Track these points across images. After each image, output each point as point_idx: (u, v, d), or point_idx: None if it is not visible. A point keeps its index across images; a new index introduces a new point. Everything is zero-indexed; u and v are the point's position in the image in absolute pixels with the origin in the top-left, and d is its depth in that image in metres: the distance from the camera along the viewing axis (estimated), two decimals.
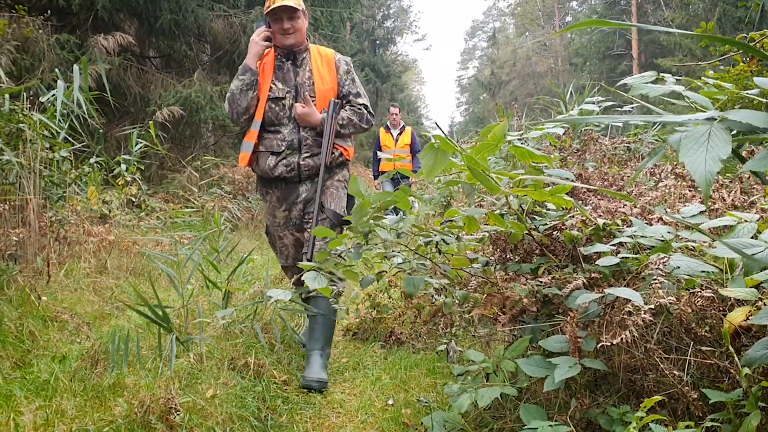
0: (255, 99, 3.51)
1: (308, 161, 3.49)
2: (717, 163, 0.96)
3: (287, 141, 3.49)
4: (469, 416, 2.24)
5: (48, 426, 2.23)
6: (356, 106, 3.62)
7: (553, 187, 1.84)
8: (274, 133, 3.52)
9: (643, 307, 1.70)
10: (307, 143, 3.49)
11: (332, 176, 3.62)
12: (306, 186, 3.58)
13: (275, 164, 3.50)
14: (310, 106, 3.42)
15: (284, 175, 3.51)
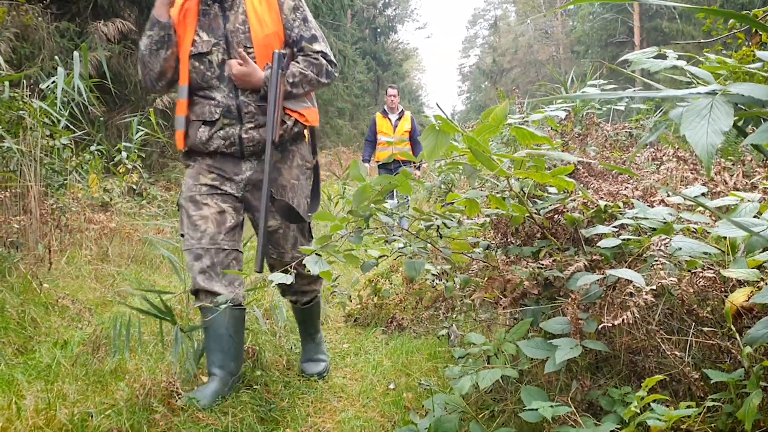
0: (172, 59, 2.77)
1: (252, 134, 2.73)
2: (719, 136, 0.95)
3: (222, 107, 2.70)
4: (470, 398, 2.24)
5: (50, 409, 2.24)
6: (311, 55, 2.81)
7: (554, 169, 1.84)
8: (204, 97, 2.75)
9: (645, 288, 1.69)
10: (249, 111, 2.72)
11: (287, 156, 2.87)
12: (252, 163, 2.81)
13: (209, 137, 2.73)
14: (247, 63, 2.64)
15: (222, 149, 2.74)
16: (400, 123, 8.83)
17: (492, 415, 2.11)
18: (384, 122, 8.84)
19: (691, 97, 1.01)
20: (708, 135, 0.94)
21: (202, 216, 2.71)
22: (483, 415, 2.11)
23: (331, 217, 2.34)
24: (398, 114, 8.92)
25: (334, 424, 2.61)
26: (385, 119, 8.86)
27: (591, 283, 1.85)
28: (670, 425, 1.48)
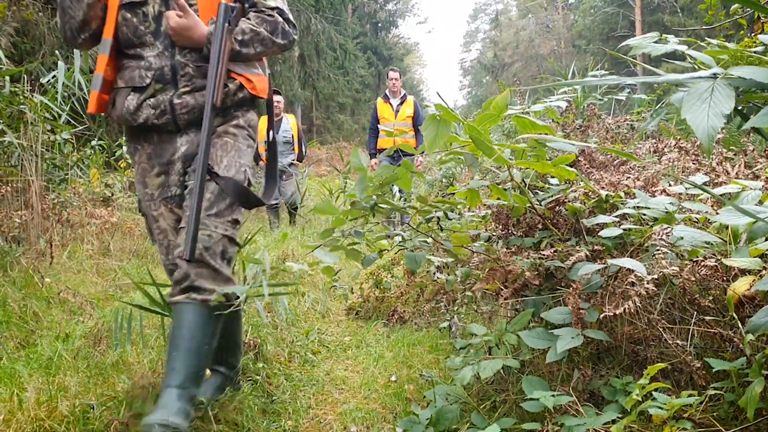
0: (99, 6, 2.32)
1: (187, 99, 2.27)
2: (720, 119, 0.94)
3: (154, 70, 2.26)
4: (472, 389, 2.24)
5: (51, 401, 2.24)
6: (265, 11, 2.42)
7: (555, 158, 1.83)
8: (134, 58, 2.30)
9: (646, 278, 1.69)
10: (186, 72, 2.27)
11: (228, 121, 2.40)
12: (188, 137, 2.35)
13: (138, 106, 2.27)
14: (188, 15, 2.23)
15: (152, 121, 2.28)
16: (402, 108, 8.20)
17: (493, 405, 2.11)
18: (385, 107, 8.26)
19: (692, 82, 1.01)
20: (709, 118, 0.94)
21: (161, 229, 2.40)
22: (484, 405, 2.11)
23: (333, 210, 2.33)
24: (400, 98, 8.31)
25: (336, 415, 2.61)
26: (386, 104, 8.27)
27: (592, 272, 1.84)
28: (671, 414, 1.48)
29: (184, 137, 2.35)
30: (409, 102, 8.26)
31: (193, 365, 2.11)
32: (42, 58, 8.76)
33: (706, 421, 1.58)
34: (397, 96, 8.31)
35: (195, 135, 2.34)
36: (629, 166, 2.50)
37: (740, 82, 0.98)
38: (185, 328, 2.14)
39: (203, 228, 2.15)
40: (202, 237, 2.12)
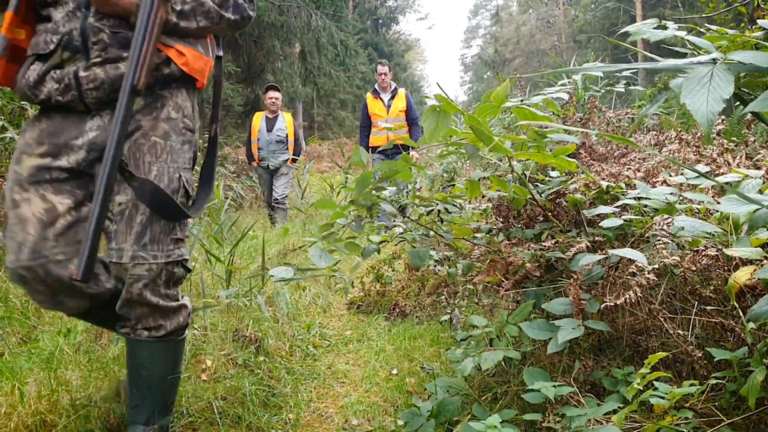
0: None
1: (96, 72, 1.79)
2: (719, 103, 0.94)
3: (61, 34, 1.79)
4: (473, 381, 2.24)
5: (53, 394, 2.24)
6: None
7: (556, 149, 1.82)
8: (45, 20, 1.85)
9: (647, 268, 1.68)
10: (99, 39, 1.79)
11: (153, 104, 1.90)
12: (100, 121, 1.87)
13: (40, 77, 1.82)
14: None
15: (56, 98, 1.82)
16: (394, 103, 7.78)
17: (495, 397, 2.11)
18: (376, 104, 7.82)
19: (691, 67, 1.00)
20: (708, 103, 0.93)
21: (20, 218, 1.80)
22: (486, 397, 2.11)
23: (332, 204, 2.33)
24: (391, 93, 7.88)
25: (337, 409, 2.61)
26: (377, 100, 7.82)
27: (593, 263, 1.84)
28: (672, 403, 1.47)
29: (95, 121, 1.86)
30: (400, 96, 7.85)
31: (159, 400, 1.95)
32: None
33: (707, 411, 1.57)
34: (388, 90, 7.91)
35: (109, 120, 1.85)
36: (630, 158, 2.50)
37: (740, 67, 0.98)
38: (142, 365, 1.92)
39: (140, 261, 1.81)
40: (140, 273, 1.81)
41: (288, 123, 8.30)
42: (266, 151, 8.18)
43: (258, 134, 8.24)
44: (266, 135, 8.17)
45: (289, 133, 8.25)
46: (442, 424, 2.08)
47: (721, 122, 2.43)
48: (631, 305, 1.78)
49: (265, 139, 8.18)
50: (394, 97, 7.82)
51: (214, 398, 2.37)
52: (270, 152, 8.17)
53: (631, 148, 2.62)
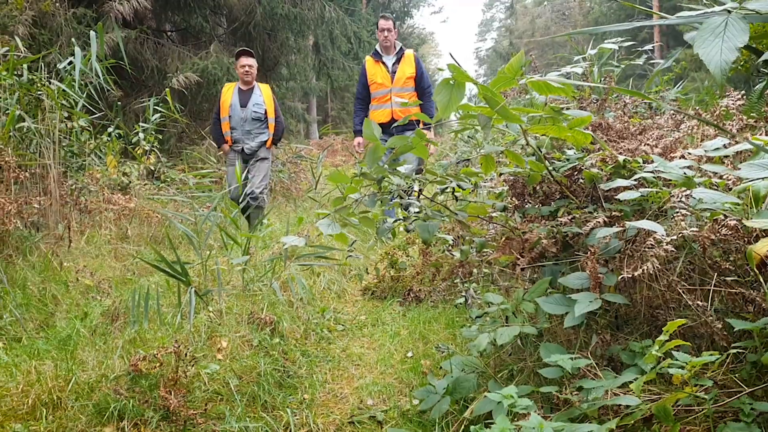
0: None
1: None
2: (733, 53, 0.91)
3: None
4: (489, 359, 2.22)
5: (69, 374, 2.25)
6: None
7: (572, 120, 1.80)
8: None
9: (665, 239, 1.66)
10: None
11: None
12: None
13: None
14: None
15: None
16: (400, 67, 6.13)
17: (511, 374, 2.09)
18: (377, 69, 6.18)
19: (705, 18, 0.98)
20: (722, 52, 0.91)
21: None
22: (502, 374, 2.09)
23: (344, 178, 2.32)
24: (396, 55, 6.23)
25: (352, 389, 2.61)
26: (378, 64, 6.18)
27: (611, 236, 1.81)
28: (692, 373, 1.45)
29: None
30: (408, 59, 6.19)
31: None
32: (60, 49, 8.81)
33: (727, 382, 1.55)
34: (392, 52, 6.23)
35: None
36: (647, 135, 2.46)
37: (755, 17, 0.95)
38: None
39: None
40: None
41: (266, 97, 6.69)
42: (240, 131, 6.56)
43: (229, 110, 6.57)
44: (239, 111, 6.54)
45: (269, 108, 6.64)
46: (458, 402, 2.06)
47: (741, 98, 2.39)
48: (649, 278, 1.76)
49: (238, 116, 6.55)
50: (399, 61, 6.17)
51: (231, 377, 2.37)
52: (244, 133, 6.57)
53: (648, 126, 2.58)
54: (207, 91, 10.19)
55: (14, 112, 4.91)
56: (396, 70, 6.12)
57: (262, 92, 6.70)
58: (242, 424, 2.05)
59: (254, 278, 3.66)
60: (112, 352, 2.65)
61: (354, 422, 2.29)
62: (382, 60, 6.17)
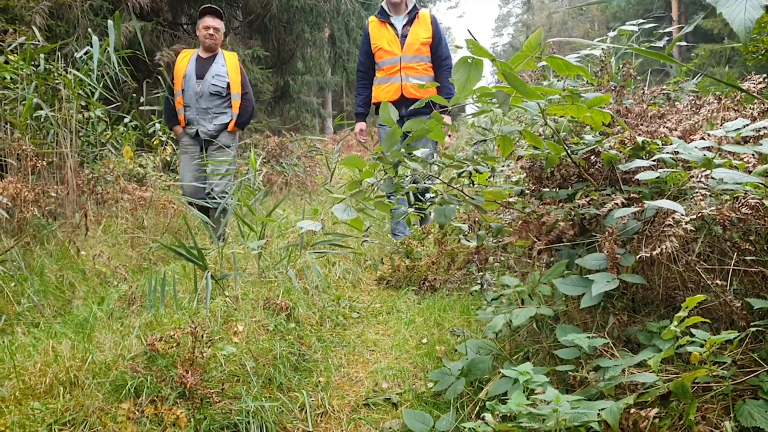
0: None
1: None
2: (758, 10, 0.90)
3: None
4: (504, 342, 2.21)
5: (86, 353, 2.27)
6: None
7: (590, 99, 1.78)
8: None
9: (684, 218, 1.64)
10: None
11: None
12: None
13: None
14: None
15: None
16: (413, 30, 4.87)
17: (526, 356, 2.08)
18: (383, 32, 4.92)
19: None
20: (746, 10, 0.89)
21: None
22: (517, 357, 2.08)
23: (360, 162, 2.31)
24: (407, 15, 4.94)
25: (367, 373, 2.61)
26: (384, 26, 4.92)
27: (629, 217, 1.80)
28: (711, 351, 1.43)
29: None
30: (423, 19, 4.92)
31: None
32: (76, 41, 8.87)
33: (746, 362, 1.53)
34: (402, 11, 4.92)
35: None
36: (667, 118, 2.44)
37: None
38: None
39: None
40: None
41: (231, 67, 5.30)
42: (194, 109, 5.21)
43: (183, 83, 5.23)
44: (195, 85, 5.17)
45: (233, 82, 5.23)
46: (473, 383, 2.06)
47: (762, 81, 2.35)
48: (668, 259, 1.74)
49: (193, 90, 5.17)
50: (412, 22, 4.90)
51: (247, 359, 2.38)
52: (200, 111, 5.20)
53: (667, 110, 2.56)
54: None
55: (31, 100, 4.95)
56: (407, 33, 4.84)
57: (225, 61, 5.29)
58: (258, 404, 2.06)
59: (270, 266, 3.66)
60: (128, 333, 2.66)
61: (369, 404, 2.29)
62: (390, 20, 4.89)
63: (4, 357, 2.35)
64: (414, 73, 4.83)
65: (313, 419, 2.21)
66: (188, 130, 5.31)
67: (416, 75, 4.84)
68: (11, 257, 4.01)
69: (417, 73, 4.84)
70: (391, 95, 4.88)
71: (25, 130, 5.10)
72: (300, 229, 3.25)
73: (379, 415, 2.22)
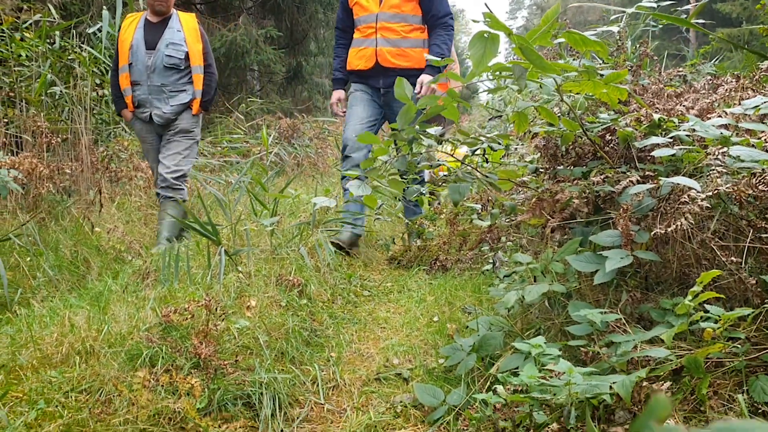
0: None
1: None
2: None
3: None
4: (516, 319, 2.22)
5: (102, 324, 2.29)
6: None
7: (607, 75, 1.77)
8: None
9: (700, 195, 1.63)
10: None
11: None
12: None
13: None
14: None
15: None
16: None
17: (538, 333, 2.08)
18: None
19: None
20: None
21: None
22: (528, 333, 2.09)
23: (374, 139, 2.31)
24: None
25: (378, 349, 2.63)
26: None
27: (644, 194, 1.79)
28: (724, 327, 1.43)
29: None
30: None
31: None
32: (91, 19, 8.89)
33: (760, 339, 1.53)
34: None
35: None
36: (684, 97, 2.42)
37: None
38: None
39: None
40: None
41: (190, 32, 4.24)
42: (146, 88, 4.17)
43: (130, 56, 4.16)
44: (145, 57, 4.11)
45: (193, 52, 4.18)
46: (483, 359, 2.06)
47: None
48: (682, 236, 1.74)
49: (143, 63, 4.13)
50: None
51: (260, 332, 2.40)
52: (154, 90, 4.18)
53: (684, 89, 2.54)
54: (235, 64, 10.22)
55: (45, 76, 4.96)
56: None
57: (182, 26, 4.23)
58: (271, 376, 2.08)
59: (282, 243, 3.68)
60: (143, 306, 2.69)
61: (380, 379, 2.31)
62: None
63: (22, 327, 2.38)
64: (392, 36, 3.97)
65: (325, 392, 2.23)
66: (140, 114, 4.26)
67: (395, 38, 3.98)
68: (27, 232, 4.05)
69: (396, 36, 3.97)
70: (365, 62, 4.03)
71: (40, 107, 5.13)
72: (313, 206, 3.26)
73: (389, 389, 2.23)
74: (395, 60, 3.97)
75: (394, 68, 3.98)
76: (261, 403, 2.00)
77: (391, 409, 2.06)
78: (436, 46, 3.96)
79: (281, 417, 2.02)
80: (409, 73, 3.94)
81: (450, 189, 2.33)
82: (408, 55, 4.00)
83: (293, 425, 2.02)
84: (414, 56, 4.01)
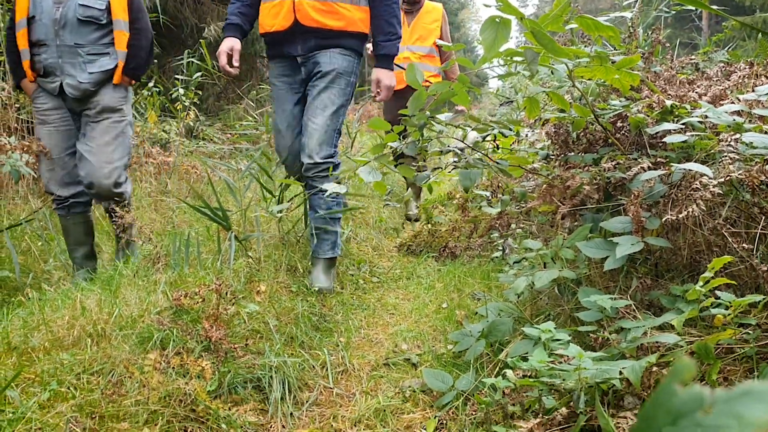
0: None
1: None
2: None
3: None
4: (525, 305, 2.22)
5: (113, 308, 2.31)
6: None
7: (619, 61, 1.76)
8: None
9: (712, 182, 1.62)
10: None
11: None
12: None
13: None
14: None
15: None
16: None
17: (547, 319, 2.09)
18: None
19: None
20: None
21: None
22: (538, 319, 2.09)
23: (385, 125, 2.31)
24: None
25: (387, 335, 2.64)
26: None
27: (655, 180, 1.78)
28: (735, 313, 1.43)
29: None
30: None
31: None
32: None
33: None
34: None
35: None
36: (696, 84, 2.40)
37: None
38: None
39: None
40: None
41: None
42: (53, 49, 3.15)
43: (30, 7, 3.15)
44: (52, 9, 3.13)
45: (115, 2, 3.18)
46: (492, 345, 2.07)
47: None
48: (693, 223, 1.73)
49: (49, 17, 3.13)
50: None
51: (270, 317, 2.41)
52: (65, 52, 3.16)
53: (697, 76, 2.52)
54: (244, 51, 10.18)
55: None
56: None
57: None
58: (281, 360, 2.10)
59: (291, 230, 3.69)
60: (154, 290, 2.71)
61: (389, 364, 2.32)
62: None
63: (34, 310, 2.40)
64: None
65: (334, 376, 2.24)
66: (47, 85, 3.22)
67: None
68: (38, 217, 4.08)
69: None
70: (281, 21, 2.98)
71: None
72: None
73: (398, 374, 2.24)
74: (320, 17, 2.94)
75: (319, 29, 2.96)
76: (271, 387, 2.02)
77: (399, 393, 2.07)
78: (384, 21, 3.00)
79: (291, 400, 2.03)
80: (339, 36, 3.00)
81: (461, 175, 2.32)
82: (337, 12, 2.95)
83: (302, 408, 2.04)
84: (346, 15, 2.97)
